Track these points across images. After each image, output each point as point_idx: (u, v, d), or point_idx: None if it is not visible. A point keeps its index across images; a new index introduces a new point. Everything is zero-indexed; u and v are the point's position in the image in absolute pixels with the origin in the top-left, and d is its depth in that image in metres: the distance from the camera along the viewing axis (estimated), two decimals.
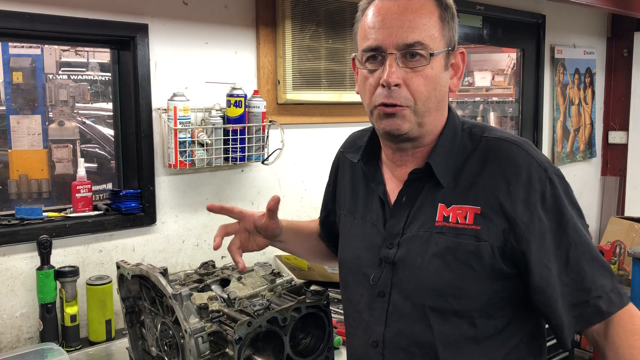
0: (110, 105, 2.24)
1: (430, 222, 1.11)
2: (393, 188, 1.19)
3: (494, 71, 5.62)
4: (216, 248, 1.27)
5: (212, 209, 1.31)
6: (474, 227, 1.08)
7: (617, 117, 4.46)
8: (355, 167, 1.30)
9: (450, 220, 1.10)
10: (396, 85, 1.06)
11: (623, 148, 4.44)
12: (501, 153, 1.10)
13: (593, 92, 4.36)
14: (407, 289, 1.13)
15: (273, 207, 1.30)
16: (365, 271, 1.19)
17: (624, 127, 4.42)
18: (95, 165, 3.97)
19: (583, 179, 4.38)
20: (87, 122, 4.27)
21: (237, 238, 1.32)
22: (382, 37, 1.07)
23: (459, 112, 1.44)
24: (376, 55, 1.09)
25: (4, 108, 3.41)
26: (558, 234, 1.07)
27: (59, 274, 1.85)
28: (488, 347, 1.12)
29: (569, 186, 1.12)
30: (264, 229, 1.34)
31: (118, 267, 1.46)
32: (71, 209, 2.04)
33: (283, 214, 2.59)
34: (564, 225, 1.07)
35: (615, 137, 4.47)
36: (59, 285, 1.86)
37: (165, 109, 2.09)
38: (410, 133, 1.11)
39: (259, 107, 2.23)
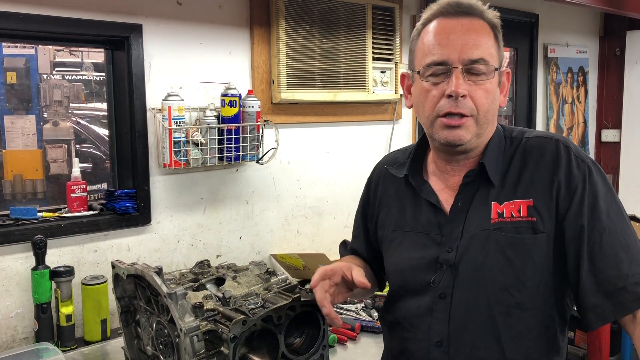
0: (105, 105, 2.24)
1: (486, 221, 1.18)
2: (446, 197, 1.26)
3: None
4: (313, 286, 1.21)
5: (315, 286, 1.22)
6: (530, 218, 1.15)
7: (609, 115, 4.49)
8: (399, 183, 1.34)
9: (505, 215, 1.17)
10: (463, 96, 1.14)
11: (616, 146, 4.47)
12: (540, 148, 1.19)
13: (586, 91, 4.38)
14: (471, 286, 1.18)
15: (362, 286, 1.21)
16: (423, 277, 1.23)
17: (617, 125, 4.45)
18: (90, 165, 3.97)
19: None
20: (82, 122, 4.26)
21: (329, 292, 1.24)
22: (448, 53, 1.14)
23: None
24: (439, 70, 1.15)
25: None
26: (592, 221, 1.12)
27: (54, 274, 1.86)
28: (550, 340, 1.19)
29: (606, 176, 1.18)
30: (347, 282, 1.25)
31: (113, 266, 1.46)
32: (66, 209, 2.04)
33: (278, 214, 2.61)
34: (598, 212, 1.13)
35: (608, 135, 4.50)
36: (54, 285, 1.86)
37: (159, 109, 2.10)
38: (469, 144, 1.19)
39: (253, 106, 2.23)
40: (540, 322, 1.17)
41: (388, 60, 2.82)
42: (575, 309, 1.19)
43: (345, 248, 1.54)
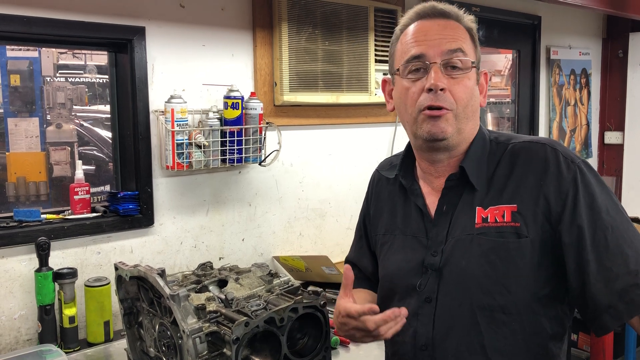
0: (108, 108, 2.25)
1: (471, 225, 1.18)
2: (433, 200, 1.26)
3: (491, 72, 5.64)
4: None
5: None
6: (513, 224, 1.15)
7: (612, 117, 4.48)
8: (392, 186, 1.36)
9: (489, 220, 1.17)
10: (442, 89, 1.15)
11: (619, 148, 4.46)
12: (527, 153, 1.19)
13: (589, 93, 4.37)
14: (455, 291, 1.18)
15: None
16: (410, 281, 1.23)
17: (620, 127, 4.44)
18: (93, 167, 3.98)
19: None
20: (85, 124, 4.28)
21: None
22: (425, 47, 1.18)
23: None
24: (419, 67, 1.18)
25: (2, 111, 3.41)
26: (593, 220, 1.11)
27: (58, 276, 1.86)
28: (539, 346, 1.17)
29: (598, 174, 1.17)
30: None
31: (116, 268, 1.46)
32: (69, 211, 2.04)
33: (280, 216, 2.61)
34: (598, 210, 1.11)
35: (611, 137, 4.49)
36: (57, 287, 1.87)
37: (162, 111, 2.10)
38: (451, 138, 1.19)
39: (256, 108, 2.24)
40: (526, 328, 1.15)
41: None
42: (579, 313, 1.17)
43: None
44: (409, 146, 1.34)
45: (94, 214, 2.07)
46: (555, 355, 1.20)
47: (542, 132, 4.02)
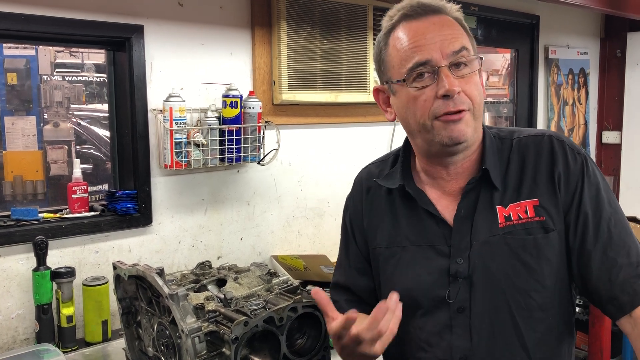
0: (105, 107, 2.24)
1: (495, 226, 1.15)
2: (447, 204, 1.20)
3: (488, 72, 5.62)
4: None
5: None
6: (538, 218, 1.14)
7: (610, 117, 4.48)
8: (388, 196, 1.27)
9: (512, 218, 1.15)
10: (457, 92, 1.10)
11: (617, 148, 4.46)
12: (536, 147, 1.18)
13: (587, 92, 4.38)
14: (490, 296, 1.14)
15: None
16: (436, 293, 1.17)
17: (618, 127, 4.45)
18: (90, 166, 3.97)
19: None
20: (82, 123, 4.26)
21: None
22: (429, 52, 1.10)
23: None
24: (423, 72, 1.11)
25: None
26: (598, 211, 1.13)
27: (55, 275, 1.85)
28: (566, 334, 1.19)
29: (598, 167, 1.19)
30: None
31: (114, 267, 1.46)
32: (67, 210, 2.04)
33: (279, 215, 2.61)
34: (602, 202, 1.14)
35: (609, 137, 4.49)
36: (55, 286, 1.86)
37: (161, 110, 2.10)
38: (470, 139, 1.14)
39: (254, 107, 2.23)
40: (560, 321, 1.17)
41: None
42: (584, 297, 1.20)
43: (337, 297, 1.35)
44: (405, 152, 1.27)
45: (92, 213, 2.06)
46: (574, 338, 1.24)
47: None
